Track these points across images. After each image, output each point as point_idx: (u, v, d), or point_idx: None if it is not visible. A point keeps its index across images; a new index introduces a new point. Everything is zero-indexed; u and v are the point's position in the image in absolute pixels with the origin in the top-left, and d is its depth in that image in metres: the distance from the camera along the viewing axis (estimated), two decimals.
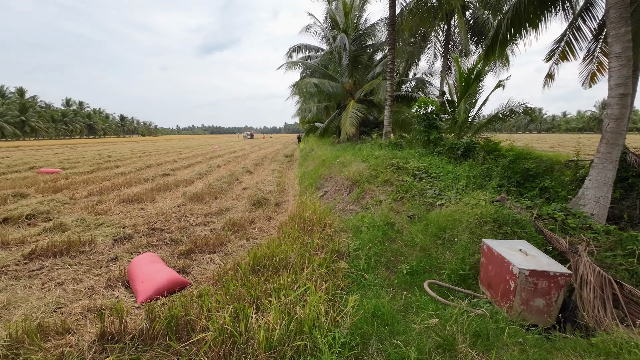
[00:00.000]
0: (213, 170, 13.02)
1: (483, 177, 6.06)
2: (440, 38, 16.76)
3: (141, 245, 4.71)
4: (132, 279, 3.49)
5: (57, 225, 5.42)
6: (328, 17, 19.27)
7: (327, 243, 3.99)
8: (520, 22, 6.98)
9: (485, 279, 3.05)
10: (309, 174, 10.49)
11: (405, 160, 7.64)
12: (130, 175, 11.42)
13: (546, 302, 2.57)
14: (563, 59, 8.82)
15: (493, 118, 10.19)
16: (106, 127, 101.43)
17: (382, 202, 5.30)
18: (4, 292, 3.34)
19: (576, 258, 3.08)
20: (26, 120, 64.88)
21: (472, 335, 2.29)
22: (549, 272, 2.54)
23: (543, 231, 3.71)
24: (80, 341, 2.47)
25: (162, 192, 8.43)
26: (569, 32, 8.28)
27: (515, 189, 5.46)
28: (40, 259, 4.17)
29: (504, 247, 2.95)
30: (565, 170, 6.28)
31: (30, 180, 10.00)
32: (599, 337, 2.22)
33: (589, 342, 2.22)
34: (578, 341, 2.25)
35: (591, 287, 2.71)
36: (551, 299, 2.57)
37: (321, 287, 2.86)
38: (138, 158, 18.53)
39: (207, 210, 6.67)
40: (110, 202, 7.18)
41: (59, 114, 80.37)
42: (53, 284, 3.55)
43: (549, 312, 2.58)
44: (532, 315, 2.58)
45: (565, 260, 3.27)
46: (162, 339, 2.45)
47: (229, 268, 3.62)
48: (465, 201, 4.43)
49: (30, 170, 12.80)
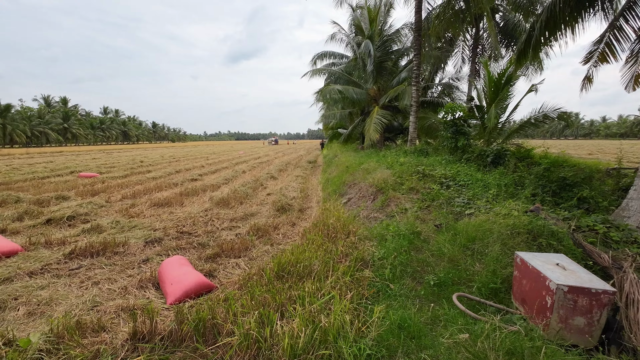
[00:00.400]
0: (238, 176, 13.33)
1: (515, 186, 5.80)
2: (468, 42, 16.38)
3: (170, 248, 4.88)
4: (162, 281, 3.62)
5: (94, 226, 5.73)
6: (352, 25, 19.37)
7: (351, 251, 3.95)
8: (555, 24, 6.68)
9: (518, 293, 2.90)
10: (333, 181, 10.49)
11: (432, 167, 7.46)
12: (160, 180, 11.92)
13: (587, 321, 2.40)
14: (602, 61, 8.32)
15: (525, 124, 9.76)
16: (139, 134, 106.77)
17: (408, 210, 5.19)
18: (47, 289, 3.56)
19: (620, 274, 2.86)
20: (68, 128, 69.64)
21: (505, 353, 2.18)
22: (590, 289, 2.38)
23: (582, 244, 3.48)
24: (114, 339, 2.58)
25: (190, 197, 8.72)
26: (609, 33, 7.81)
27: (550, 199, 5.18)
28: (79, 258, 4.42)
29: (539, 261, 2.79)
30: (606, 179, 5.89)
31: (71, 183, 10.69)
32: None
33: None
34: None
35: (638, 306, 2.50)
36: (593, 318, 2.39)
37: (346, 295, 2.84)
38: (168, 163, 19.32)
39: (232, 215, 6.82)
40: (142, 206, 7.51)
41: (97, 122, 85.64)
42: (90, 282, 3.75)
43: (590, 332, 2.40)
44: (572, 334, 2.42)
45: (608, 276, 3.05)
46: (190, 341, 2.51)
47: (253, 273, 3.67)
48: (496, 211, 4.25)
49: (71, 174, 13.68)
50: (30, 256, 4.42)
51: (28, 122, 60.99)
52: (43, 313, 3.07)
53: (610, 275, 3.04)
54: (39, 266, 4.09)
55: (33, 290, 3.48)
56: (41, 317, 2.99)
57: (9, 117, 55.29)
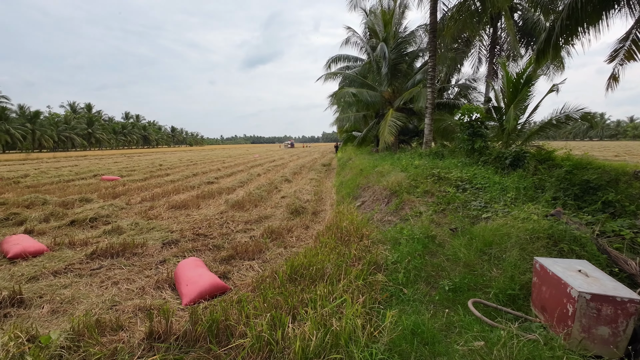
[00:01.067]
0: (253, 179, 13.49)
1: (535, 189, 5.61)
2: (485, 42, 16.07)
3: (187, 250, 4.99)
4: (177, 282, 3.69)
5: (114, 228, 5.93)
6: (366, 28, 19.34)
7: (364, 254, 3.92)
8: (577, 21, 6.46)
9: (538, 300, 2.80)
10: (347, 184, 10.46)
11: (447, 170, 7.32)
12: (178, 183, 12.21)
13: (612, 331, 2.28)
14: (629, 59, 7.98)
15: (546, 125, 9.46)
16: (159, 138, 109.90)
17: (422, 214, 5.11)
18: (69, 287, 3.70)
19: None
20: (92, 133, 72.46)
21: None
22: (615, 298, 2.27)
23: (607, 250, 3.33)
24: (131, 338, 2.65)
25: (207, 199, 8.89)
26: (635, 29, 7.50)
27: (572, 203, 4.98)
28: (100, 259, 4.57)
29: (560, 267, 2.69)
30: (634, 181, 5.61)
31: (94, 186, 11.10)
32: None
33: None
34: None
35: None
36: (618, 328, 2.28)
37: (358, 299, 2.81)
38: (185, 167, 19.77)
39: (247, 218, 6.90)
40: (160, 208, 7.71)
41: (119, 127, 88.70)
42: (110, 282, 3.87)
43: (615, 342, 2.29)
44: (595, 344, 2.31)
45: (635, 284, 2.90)
46: (204, 342, 2.55)
47: (267, 275, 3.70)
48: (514, 214, 4.12)
49: (94, 177, 14.21)
50: (55, 256, 4.61)
51: (55, 128, 63.85)
52: (65, 311, 3.19)
53: (637, 283, 2.89)
54: (63, 266, 4.26)
55: (57, 289, 3.62)
56: (64, 315, 3.11)
57: (37, 123, 58.09)
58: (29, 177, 13.96)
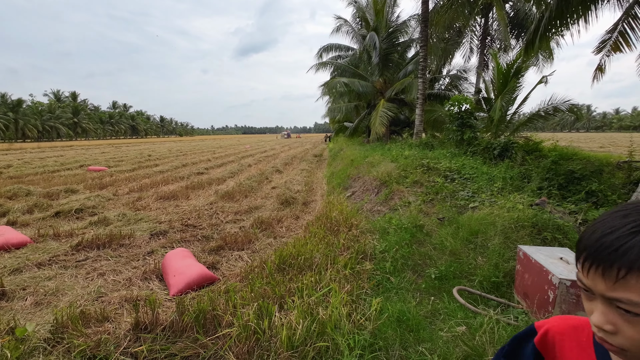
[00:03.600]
0: (244, 170, 13.39)
1: (521, 179, 5.71)
2: (477, 33, 16.05)
3: (175, 241, 4.94)
4: (165, 273, 3.67)
5: (101, 219, 5.83)
6: (358, 16, 19.10)
7: (352, 244, 3.95)
8: (565, 12, 6.48)
9: (520, 287, 2.87)
10: (337, 174, 10.47)
11: (437, 160, 7.38)
12: (167, 173, 12.04)
13: None
14: (616, 51, 8.07)
15: (534, 116, 9.58)
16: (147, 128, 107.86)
17: (411, 204, 5.16)
18: (54, 279, 3.64)
19: None
20: (78, 122, 70.68)
21: None
22: None
23: None
24: (117, 329, 2.63)
25: (196, 190, 8.80)
26: (623, 21, 7.56)
27: (557, 192, 5.08)
28: (85, 250, 4.50)
29: (543, 255, 2.75)
30: (617, 172, 5.75)
31: (80, 177, 10.87)
32: None
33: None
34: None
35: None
36: None
37: (345, 288, 2.84)
38: (175, 157, 19.49)
39: (237, 208, 6.86)
40: (148, 199, 7.60)
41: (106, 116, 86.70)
42: (96, 274, 3.82)
43: None
44: None
45: None
46: (191, 332, 2.54)
47: (255, 266, 3.69)
48: (500, 204, 4.19)
49: (80, 168, 13.90)
50: (39, 248, 4.52)
51: (39, 117, 62.05)
52: (49, 303, 3.14)
53: None
54: (47, 257, 4.18)
55: (40, 281, 3.56)
56: (47, 307, 3.06)
57: (20, 112, 56.31)
58: (12, 167, 13.57)
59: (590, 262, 0.49)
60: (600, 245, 0.48)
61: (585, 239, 0.51)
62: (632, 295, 0.45)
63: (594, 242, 0.49)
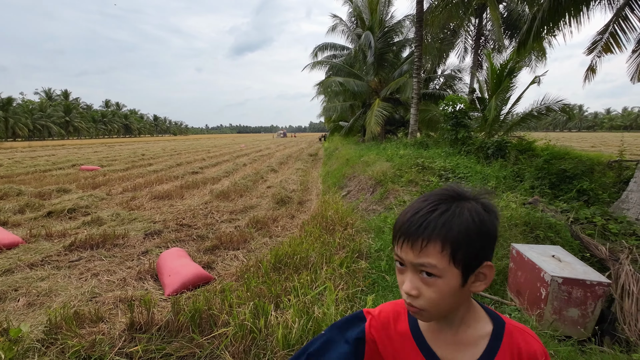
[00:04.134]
0: (239, 169, 13.34)
1: (514, 178, 5.77)
2: (471, 33, 16.16)
3: (170, 240, 4.91)
4: (160, 273, 3.65)
5: (94, 219, 5.77)
6: (353, 16, 19.12)
7: (348, 243, 3.96)
8: (558, 13, 6.55)
9: (513, 285, 2.91)
10: (333, 173, 10.48)
11: (431, 159, 7.43)
12: (161, 172, 11.95)
13: (581, 313, 2.40)
14: (607, 52, 8.19)
15: (527, 116, 9.68)
16: (141, 127, 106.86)
17: (406, 203, 5.19)
18: (46, 280, 3.60)
19: (617, 266, 2.86)
20: (70, 121, 69.77)
21: None
22: (585, 281, 2.37)
23: (580, 236, 3.47)
24: (112, 330, 2.61)
25: (191, 190, 8.75)
26: (614, 23, 7.67)
27: (549, 191, 5.15)
28: (79, 250, 4.45)
29: (535, 252, 2.79)
30: (608, 171, 5.84)
31: (73, 176, 10.74)
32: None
33: (630, 357, 2.05)
34: (616, 355, 2.09)
35: (634, 298, 2.50)
36: (587, 310, 2.39)
37: (340, 286, 2.85)
38: (169, 156, 19.35)
39: (232, 208, 6.84)
40: (142, 199, 7.54)
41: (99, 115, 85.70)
42: (89, 274, 3.78)
43: (584, 323, 2.41)
44: (566, 325, 2.42)
45: (605, 268, 3.05)
46: (186, 331, 2.54)
47: (251, 265, 3.69)
48: (494, 202, 4.23)
49: (73, 167, 13.73)
50: (31, 248, 4.46)
51: (30, 116, 61.13)
52: (42, 304, 3.11)
53: (607, 267, 3.04)
54: (39, 258, 4.13)
55: (33, 282, 3.52)
56: (40, 308, 3.03)
57: (10, 111, 55.39)
58: (2, 167, 13.37)
59: (404, 237, 0.60)
60: (410, 224, 0.59)
61: (399, 221, 0.62)
62: (430, 260, 0.57)
63: (405, 221, 0.60)
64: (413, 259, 0.59)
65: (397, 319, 0.71)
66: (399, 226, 0.61)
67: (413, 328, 0.69)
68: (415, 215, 0.59)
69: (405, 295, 0.61)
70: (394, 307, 0.74)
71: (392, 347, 0.69)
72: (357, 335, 0.70)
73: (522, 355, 0.63)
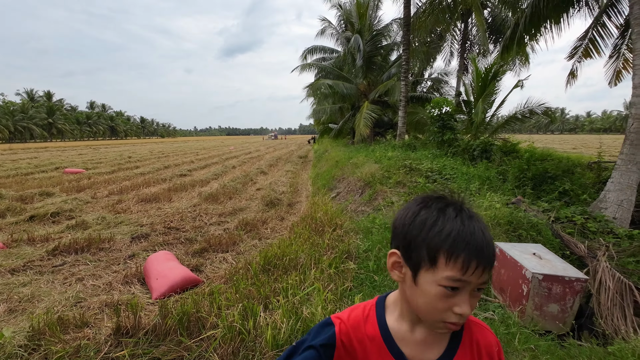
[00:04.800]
0: (228, 171, 13.24)
1: (498, 179, 5.92)
2: (457, 37, 16.49)
3: (157, 244, 4.85)
4: (147, 276, 3.60)
5: (79, 223, 5.65)
6: (342, 19, 19.28)
7: (337, 244, 3.99)
8: (540, 19, 6.78)
9: (497, 282, 2.99)
10: (322, 175, 10.52)
11: (419, 161, 7.54)
12: (149, 175, 11.77)
13: (561, 308, 2.49)
14: (586, 57, 8.50)
15: (511, 118, 9.93)
16: (127, 129, 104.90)
17: (394, 204, 5.26)
18: (28, 286, 3.51)
19: (595, 263, 2.97)
20: (53, 123, 67.95)
21: None
22: (564, 277, 2.47)
23: (560, 235, 3.59)
24: (97, 335, 2.57)
25: (179, 192, 8.65)
26: (592, 29, 7.97)
27: (532, 192, 5.31)
28: (63, 255, 4.36)
29: (517, 251, 2.88)
30: (587, 172, 6.05)
31: (56, 179, 10.47)
32: (617, 345, 2.13)
33: (606, 350, 2.13)
34: (594, 349, 2.17)
35: (610, 293, 2.61)
36: (566, 305, 2.48)
37: (329, 287, 2.87)
38: (157, 159, 19.06)
39: (221, 210, 6.79)
40: (129, 202, 7.42)
41: (84, 117, 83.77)
42: (74, 279, 3.71)
43: (563, 318, 2.50)
44: (546, 321, 2.51)
45: (584, 265, 3.16)
46: (174, 335, 2.52)
47: (240, 267, 3.68)
48: (478, 203, 4.34)
49: (56, 170, 13.38)
50: (12, 253, 4.34)
51: (11, 117, 59.31)
52: (25, 310, 3.03)
53: (586, 264, 3.15)
54: (21, 263, 4.02)
55: (14, 287, 3.43)
56: (22, 314, 2.95)
57: None
58: None
59: (484, 263, 0.58)
60: (487, 248, 0.59)
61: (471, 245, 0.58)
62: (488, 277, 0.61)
63: (481, 248, 0.58)
64: (481, 280, 0.59)
65: (366, 322, 0.71)
66: (474, 252, 0.58)
67: (383, 330, 0.70)
68: (484, 238, 0.59)
69: (459, 316, 0.59)
70: (363, 310, 0.74)
71: (362, 350, 0.69)
72: (324, 342, 0.69)
73: (480, 346, 0.69)
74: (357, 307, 0.75)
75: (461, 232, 0.59)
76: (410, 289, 0.64)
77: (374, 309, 0.73)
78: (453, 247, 0.58)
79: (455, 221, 0.60)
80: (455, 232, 0.59)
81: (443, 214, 0.61)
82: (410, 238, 0.63)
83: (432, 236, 0.60)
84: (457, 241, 0.58)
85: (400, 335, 0.69)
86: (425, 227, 0.61)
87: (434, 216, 0.62)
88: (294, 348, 0.71)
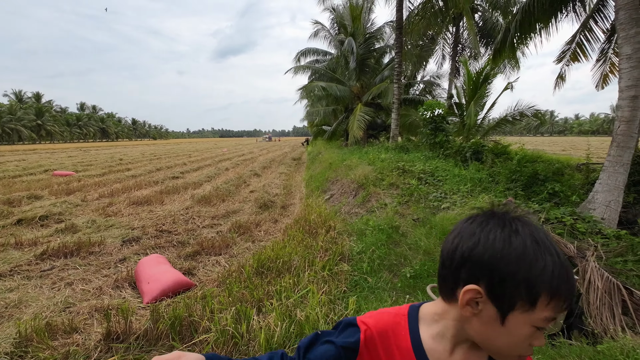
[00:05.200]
0: (221, 173, 13.16)
1: (490, 181, 5.99)
2: (449, 40, 16.68)
3: (149, 247, 4.79)
4: (138, 280, 3.55)
5: (68, 226, 5.55)
6: (335, 22, 19.37)
7: (331, 246, 4.00)
8: (530, 24, 6.90)
9: None
10: (316, 177, 10.52)
11: (412, 163, 7.60)
12: (140, 178, 11.63)
13: None
14: (574, 60, 8.67)
15: (502, 121, 10.08)
16: (119, 131, 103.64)
17: (388, 205, 5.28)
18: (15, 291, 3.43)
19: (584, 263, 3.02)
20: (42, 124, 66.78)
21: None
22: None
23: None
24: (87, 340, 2.53)
25: (171, 195, 8.56)
26: (580, 34, 8.14)
27: (522, 193, 5.37)
28: (51, 259, 4.27)
29: None
30: (576, 173, 6.16)
31: (45, 182, 10.28)
32: (606, 344, 2.17)
33: (595, 349, 2.17)
34: (584, 348, 2.20)
35: (598, 293, 2.65)
36: None
37: (323, 289, 2.87)
38: (149, 161, 18.85)
39: (214, 213, 6.74)
40: (120, 205, 7.32)
41: (74, 118, 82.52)
42: (63, 283, 3.64)
43: None
44: None
45: (573, 265, 3.21)
46: (166, 339, 2.49)
47: (233, 270, 3.65)
48: (470, 204, 4.39)
49: (45, 172, 13.15)
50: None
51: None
52: (11, 316, 2.96)
53: (575, 264, 3.20)
54: (8, 268, 3.93)
55: (1, 293, 3.35)
56: (9, 320, 2.88)
57: None
58: None
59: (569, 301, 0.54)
60: (573, 286, 0.55)
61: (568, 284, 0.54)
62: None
63: (571, 285, 0.54)
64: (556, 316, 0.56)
65: (397, 333, 0.66)
66: (572, 289, 0.54)
67: (415, 344, 0.64)
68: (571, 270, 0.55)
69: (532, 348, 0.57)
70: (393, 319, 0.68)
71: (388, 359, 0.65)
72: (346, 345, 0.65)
73: None
74: (386, 313, 0.70)
75: (561, 269, 0.53)
76: (490, 328, 0.56)
77: (405, 319, 0.67)
78: (557, 287, 0.52)
79: (552, 253, 0.53)
80: (557, 270, 0.52)
81: (537, 244, 0.53)
82: (505, 275, 0.53)
83: (536, 274, 0.52)
84: (560, 280, 0.52)
85: (437, 355, 0.64)
86: (525, 262, 0.53)
87: (532, 247, 0.53)
88: (317, 336, 0.68)
